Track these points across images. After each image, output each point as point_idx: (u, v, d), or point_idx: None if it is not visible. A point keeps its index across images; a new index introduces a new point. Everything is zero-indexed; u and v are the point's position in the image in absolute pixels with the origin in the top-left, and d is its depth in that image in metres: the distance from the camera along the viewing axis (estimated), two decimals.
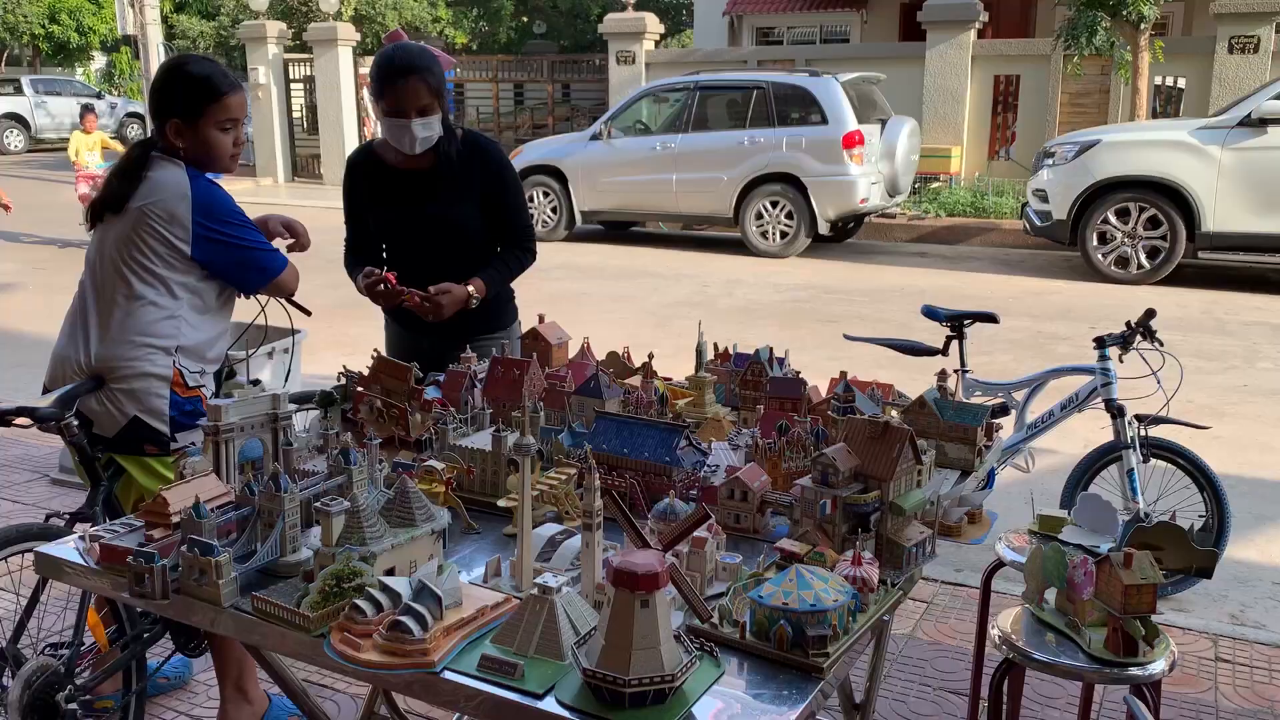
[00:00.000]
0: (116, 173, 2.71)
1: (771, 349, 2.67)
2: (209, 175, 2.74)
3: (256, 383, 2.71)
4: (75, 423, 2.60)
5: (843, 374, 2.52)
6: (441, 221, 3.13)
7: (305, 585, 1.70)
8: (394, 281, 2.96)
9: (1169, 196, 9.46)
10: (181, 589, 1.75)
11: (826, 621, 1.57)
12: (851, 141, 11.16)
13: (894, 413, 2.44)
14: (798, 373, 2.62)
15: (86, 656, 2.63)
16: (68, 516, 2.66)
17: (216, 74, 2.72)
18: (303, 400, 2.67)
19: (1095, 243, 9.84)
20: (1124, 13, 11.67)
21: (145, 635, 2.74)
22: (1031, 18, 19.04)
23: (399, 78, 2.93)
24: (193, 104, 2.66)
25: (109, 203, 2.66)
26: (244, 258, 2.72)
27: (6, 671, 2.48)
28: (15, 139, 24.62)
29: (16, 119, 25.42)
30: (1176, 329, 7.87)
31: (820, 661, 1.54)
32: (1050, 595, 2.29)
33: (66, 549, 1.96)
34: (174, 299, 2.65)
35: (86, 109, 12.72)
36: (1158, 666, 2.12)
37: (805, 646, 1.55)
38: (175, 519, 1.85)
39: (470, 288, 3.06)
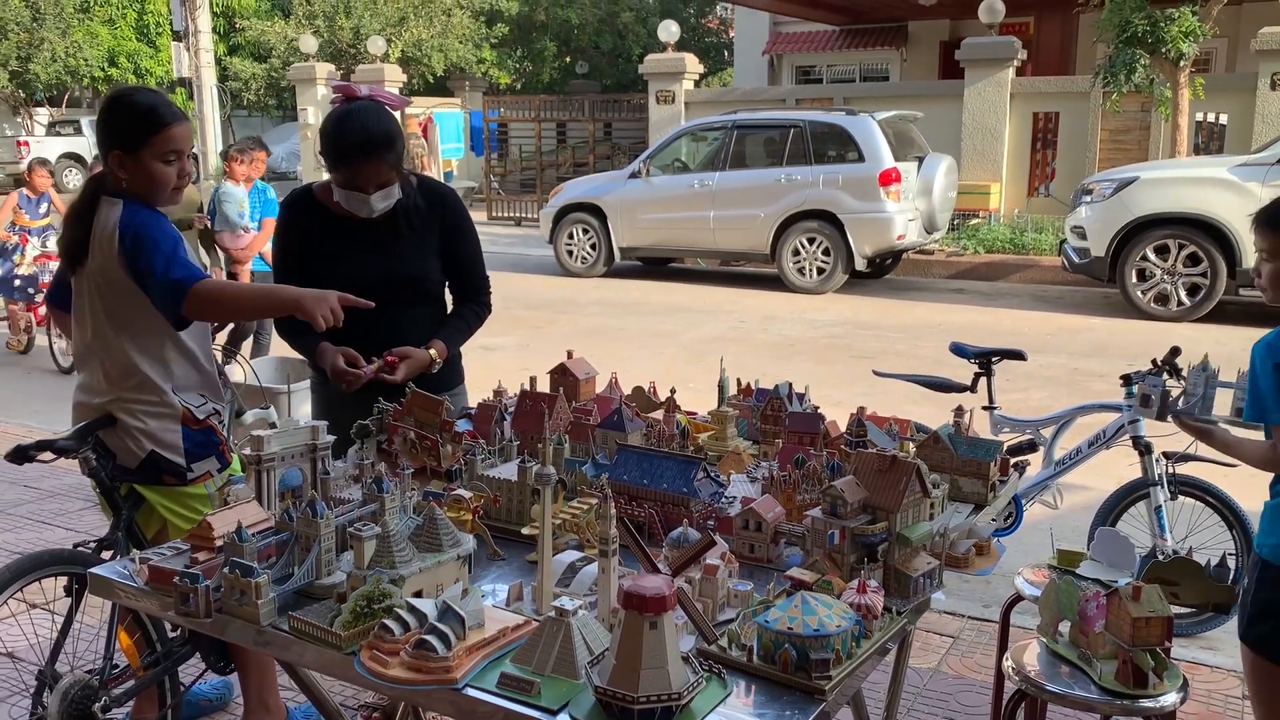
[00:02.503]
0: (69, 217, 2.70)
1: (791, 384, 2.76)
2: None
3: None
4: (92, 455, 2.69)
5: (860, 409, 2.60)
6: (403, 277, 2.93)
7: (338, 606, 1.80)
8: (376, 372, 2.77)
9: (1209, 233, 9.42)
10: (223, 608, 1.86)
11: (830, 646, 1.64)
12: (888, 179, 11.23)
13: (911, 447, 2.50)
14: (816, 408, 2.70)
15: (120, 677, 2.73)
16: (94, 544, 2.77)
17: (160, 104, 2.64)
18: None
19: (1134, 280, 9.81)
20: (1163, 50, 11.67)
21: (175, 655, 2.85)
22: (1071, 55, 19.05)
23: (363, 155, 2.73)
24: (135, 135, 2.59)
25: (72, 250, 2.67)
26: (160, 280, 2.55)
27: (46, 690, 2.60)
28: (74, 178, 25.40)
29: (76, 158, 26.25)
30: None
31: (822, 684, 1.61)
32: (1064, 628, 2.34)
33: (116, 570, 2.08)
34: (156, 339, 2.66)
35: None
36: (1169, 699, 2.16)
37: (809, 669, 1.63)
38: (219, 542, 1.97)
39: (432, 351, 2.88)
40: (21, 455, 2.65)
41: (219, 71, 21.28)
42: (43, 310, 8.17)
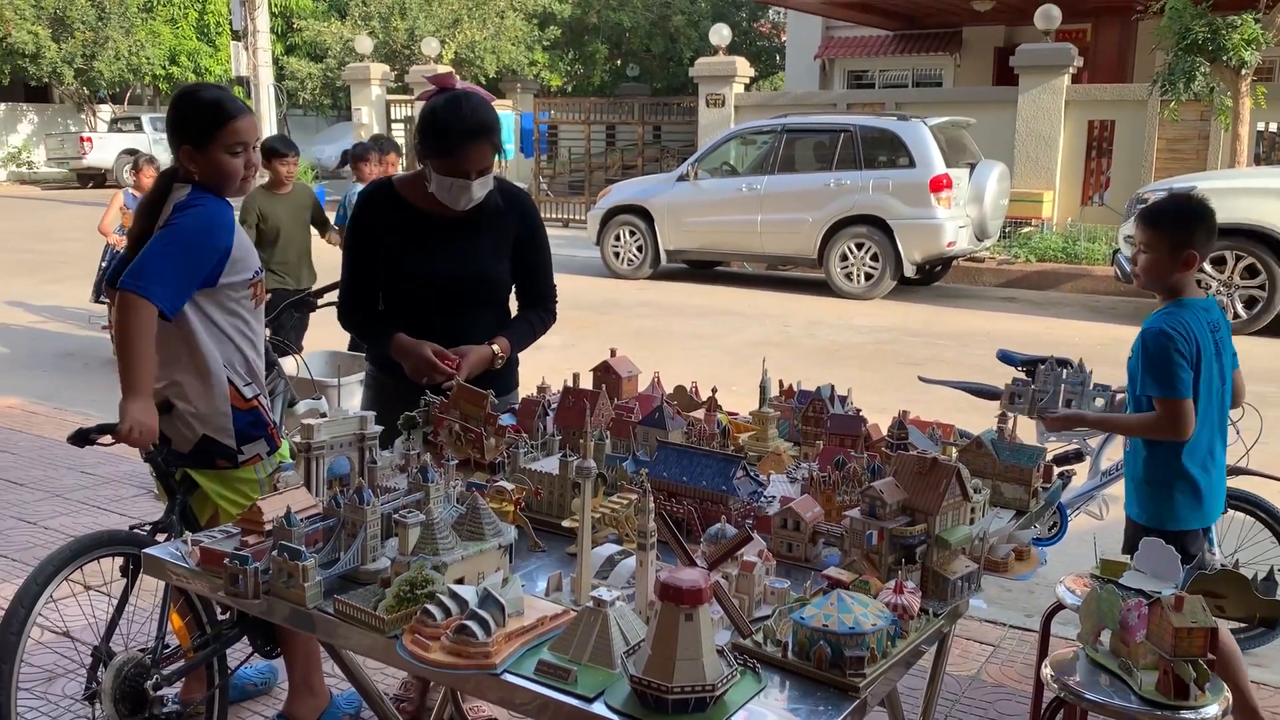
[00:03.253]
0: (142, 207, 2.83)
1: (833, 387, 2.76)
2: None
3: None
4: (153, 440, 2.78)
5: (903, 413, 2.60)
6: (475, 278, 2.92)
7: (382, 590, 1.85)
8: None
9: (1268, 245, 9.24)
10: (271, 590, 1.91)
11: (864, 644, 1.65)
12: (939, 185, 11.15)
13: (953, 451, 2.50)
14: (858, 410, 2.70)
15: (171, 658, 2.81)
16: (149, 526, 2.87)
17: (225, 99, 2.77)
18: None
19: None
20: (1224, 58, 11.46)
21: (224, 637, 2.93)
22: (1129, 63, 18.77)
23: (472, 138, 2.72)
24: (202, 129, 2.71)
25: (139, 240, 2.77)
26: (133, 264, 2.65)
27: (100, 667, 2.68)
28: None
29: (134, 154, 26.80)
30: (1273, 381, 7.66)
31: (856, 681, 1.62)
32: (1105, 637, 2.32)
33: (169, 551, 2.14)
34: (205, 320, 2.77)
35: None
36: (1210, 711, 2.13)
37: (843, 667, 1.64)
38: (268, 527, 2.02)
39: (495, 346, 2.88)
40: (82, 438, 2.73)
41: (276, 71, 21.63)
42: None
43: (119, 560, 2.81)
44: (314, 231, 6.67)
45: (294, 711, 3.04)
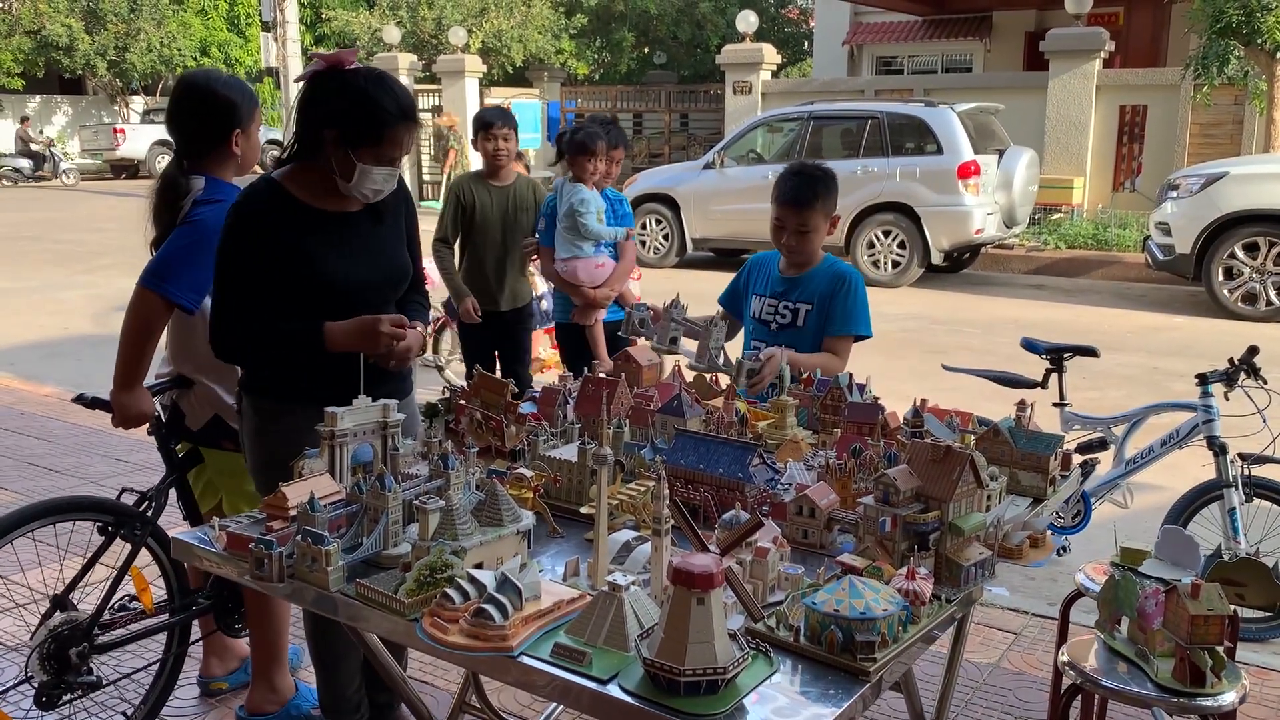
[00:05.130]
0: (159, 205, 2.91)
1: (851, 375, 2.77)
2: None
3: None
4: (161, 412, 2.96)
5: (921, 401, 2.61)
6: (399, 273, 2.70)
7: (402, 574, 1.89)
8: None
9: None
10: (295, 574, 1.96)
11: (875, 629, 1.67)
12: (967, 172, 11.08)
13: (970, 439, 2.51)
14: (876, 398, 2.71)
15: (112, 625, 2.92)
16: (138, 494, 2.99)
17: (241, 82, 3.01)
18: None
19: (1221, 278, 9.54)
20: (1259, 41, 11.30)
21: (192, 608, 3.05)
22: (1162, 47, 18.52)
23: (406, 121, 2.51)
24: (248, 112, 2.93)
25: (164, 235, 2.86)
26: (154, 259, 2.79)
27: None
28: (164, 164, 26.31)
29: (167, 145, 27.12)
30: None
31: (867, 665, 1.65)
32: (1124, 625, 2.33)
33: (197, 535, 2.19)
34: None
35: None
36: (1227, 698, 2.14)
37: (854, 651, 1.66)
38: (293, 512, 2.07)
39: (420, 329, 2.64)
40: (90, 402, 2.92)
41: (305, 61, 21.75)
42: None
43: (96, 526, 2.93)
44: None
45: (253, 705, 3.11)
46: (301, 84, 2.56)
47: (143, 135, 26.18)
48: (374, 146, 2.47)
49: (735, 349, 3.32)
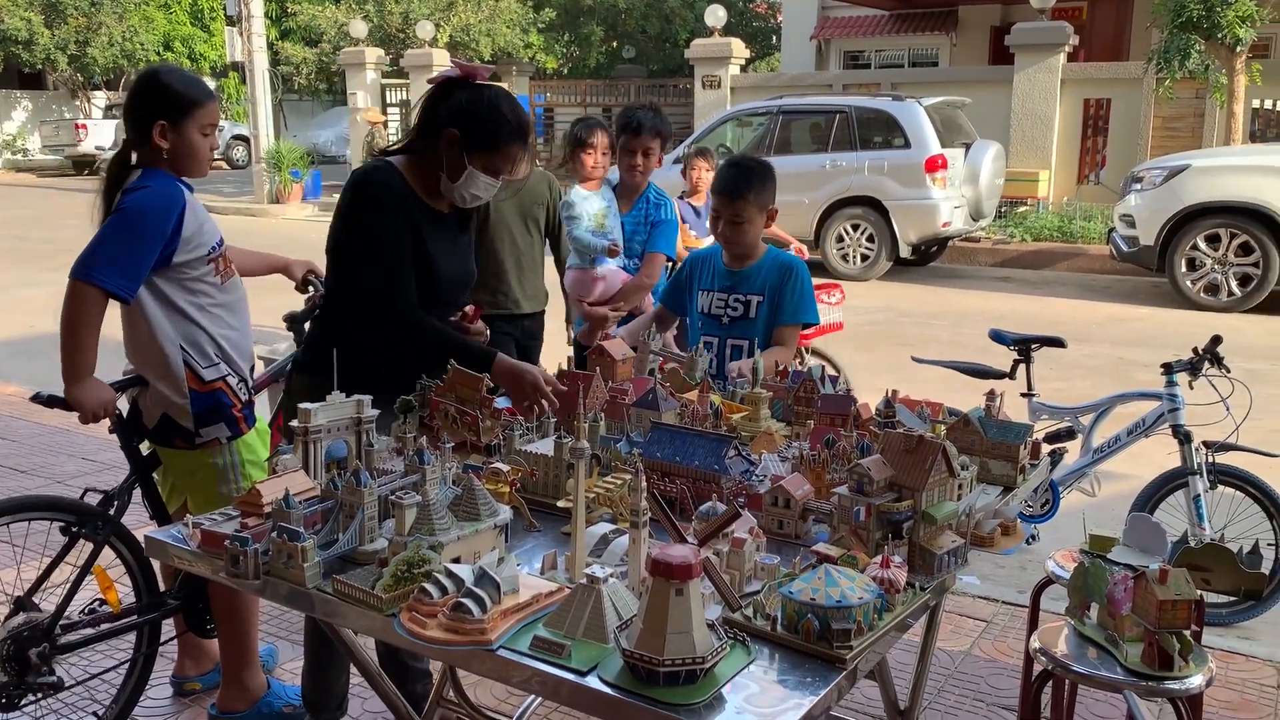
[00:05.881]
0: (103, 198, 2.85)
1: (824, 366, 2.79)
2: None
3: None
4: (121, 410, 2.92)
5: (893, 392, 2.63)
6: (467, 274, 2.91)
7: (379, 570, 1.88)
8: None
9: (1262, 222, 9.27)
10: (271, 571, 1.95)
11: (851, 617, 1.69)
12: (934, 165, 11.16)
13: (941, 429, 2.54)
14: (849, 390, 2.74)
15: (76, 627, 2.89)
16: (102, 494, 2.96)
17: (199, 82, 2.88)
18: None
19: (1184, 269, 9.68)
20: (1219, 35, 11.46)
21: (161, 608, 3.03)
22: (1125, 41, 18.72)
23: (523, 139, 2.69)
24: (182, 106, 2.76)
25: None
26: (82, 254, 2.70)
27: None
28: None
29: None
30: (1266, 358, 7.70)
31: (843, 653, 1.66)
32: (1093, 611, 2.37)
33: (171, 534, 2.17)
34: (162, 300, 2.80)
35: None
36: (1194, 681, 2.18)
37: (830, 639, 1.68)
38: (267, 509, 2.06)
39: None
40: (47, 400, 2.87)
41: (270, 56, 21.54)
42: None
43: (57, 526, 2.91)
44: None
45: (225, 704, 3.09)
46: (431, 85, 2.76)
47: (105, 130, 25.83)
48: (488, 154, 2.64)
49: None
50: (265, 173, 18.87)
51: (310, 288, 3.51)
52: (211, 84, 32.55)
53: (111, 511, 2.94)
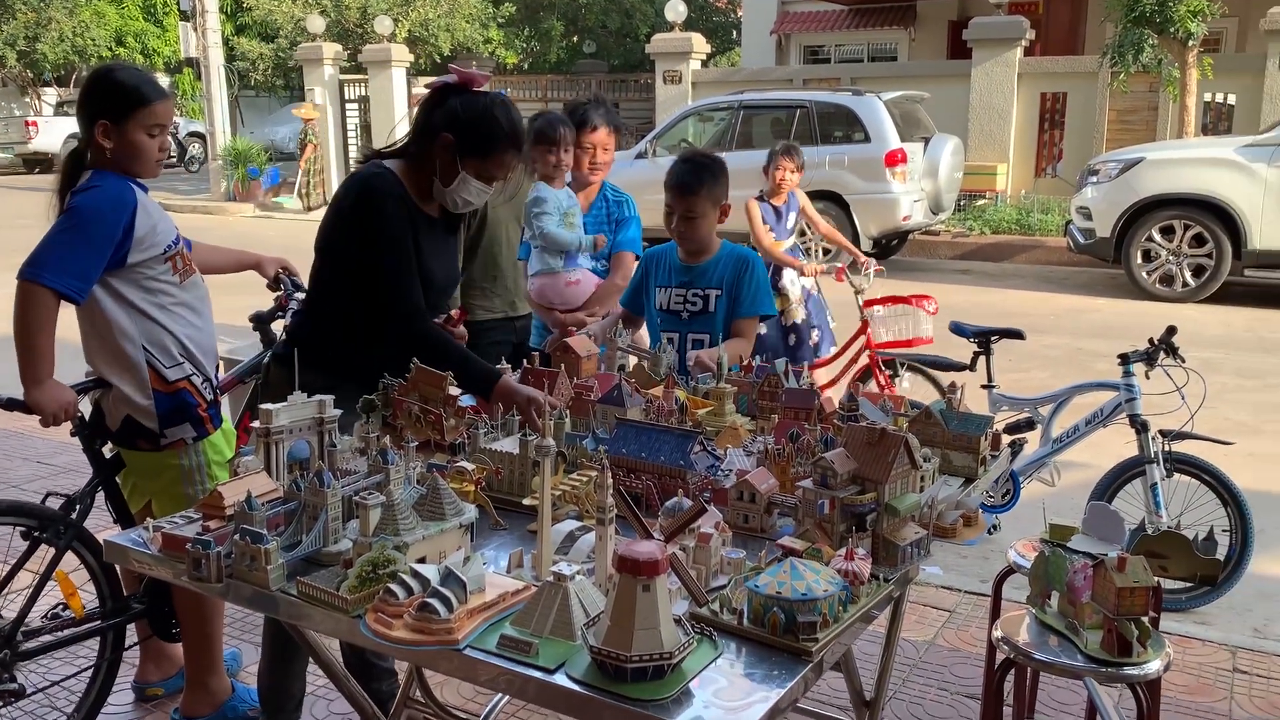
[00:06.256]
0: (58, 193, 2.82)
1: (788, 361, 2.81)
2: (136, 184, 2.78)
3: None
4: (82, 413, 2.87)
5: (855, 385, 2.65)
6: (453, 279, 2.96)
7: (344, 571, 1.87)
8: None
9: (1215, 214, 9.43)
10: (234, 574, 1.93)
11: (817, 610, 1.70)
12: (894, 159, 11.24)
13: (903, 422, 2.56)
14: (813, 384, 2.75)
15: (37, 633, 2.86)
16: (64, 498, 2.92)
17: (149, 80, 2.81)
18: None
19: (1139, 260, 9.83)
20: (1171, 30, 11.64)
21: (125, 613, 2.99)
22: (1080, 35, 18.95)
23: (519, 149, 2.74)
24: (122, 106, 2.72)
25: None
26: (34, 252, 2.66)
27: None
28: None
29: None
30: (1220, 347, 7.85)
31: (809, 646, 1.68)
32: (1054, 599, 2.40)
33: (131, 538, 2.15)
34: (120, 301, 2.77)
35: None
36: (1153, 666, 2.22)
37: (796, 632, 1.69)
38: (229, 511, 2.04)
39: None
40: (6, 404, 2.80)
41: (226, 51, 21.25)
42: None
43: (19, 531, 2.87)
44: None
45: (188, 709, 3.06)
46: (428, 89, 2.75)
47: (56, 128, 25.33)
48: (481, 160, 2.67)
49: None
50: (222, 170, 18.63)
51: (281, 286, 3.48)
52: (165, 80, 31.93)
53: (74, 516, 2.90)
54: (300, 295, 3.53)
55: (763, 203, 5.86)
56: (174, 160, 26.51)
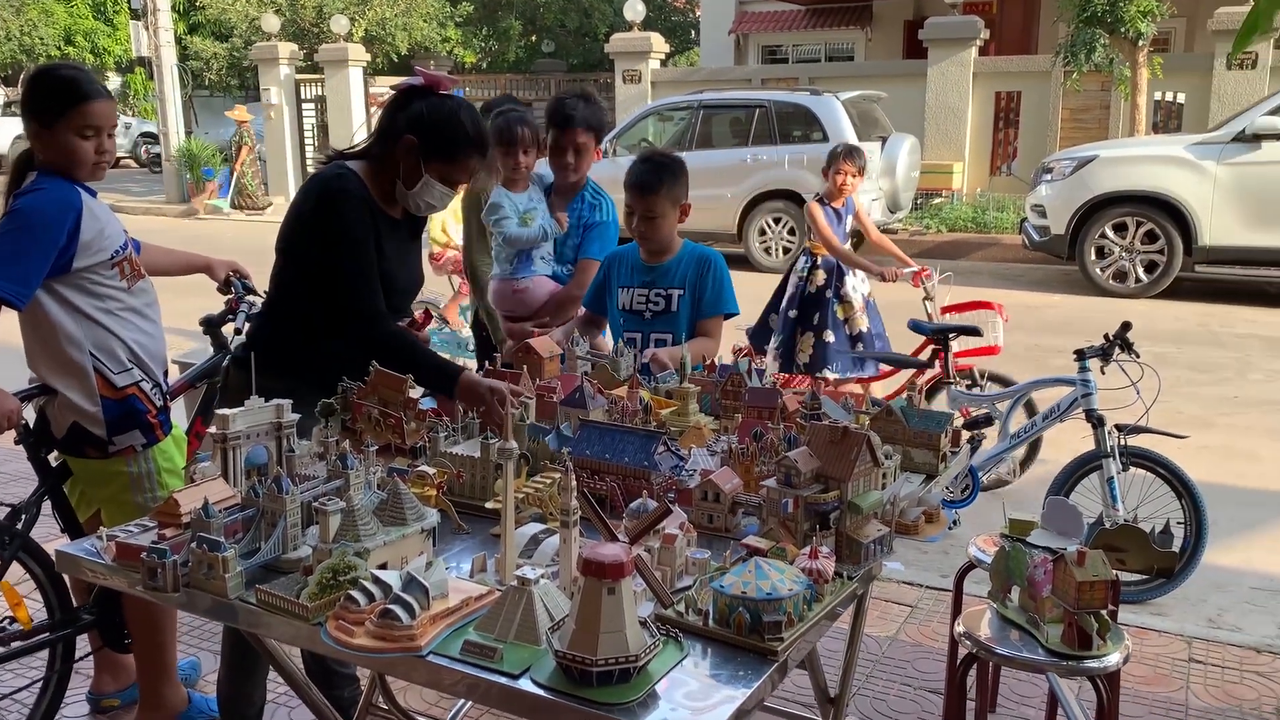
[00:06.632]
0: (5, 195, 2.76)
1: (751, 360, 2.81)
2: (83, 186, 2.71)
3: None
4: (27, 421, 2.80)
5: (816, 383, 2.66)
6: (415, 282, 2.91)
7: (304, 578, 1.84)
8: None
9: (1166, 211, 9.59)
10: (191, 582, 1.89)
11: (782, 609, 1.70)
12: None
13: (865, 420, 2.57)
14: (775, 383, 2.76)
15: (4, 636, 2.82)
16: (9, 508, 2.86)
17: (82, 79, 2.68)
18: None
19: (1093, 257, 9.97)
20: (1122, 30, 11.83)
21: (75, 624, 2.93)
22: (1033, 34, 19.20)
23: (484, 153, 2.73)
24: (51, 108, 2.63)
25: None
26: None
27: None
28: None
29: None
30: (1172, 341, 7.98)
31: (775, 645, 1.68)
32: (1014, 594, 2.42)
33: (83, 547, 2.10)
34: (67, 306, 2.70)
35: None
36: (1112, 659, 2.24)
37: (761, 632, 1.69)
38: (185, 519, 2.00)
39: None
40: None
41: (179, 50, 20.94)
42: None
43: None
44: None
45: None
46: (394, 90, 2.73)
47: (4, 128, 24.84)
48: (445, 164, 2.65)
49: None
50: (176, 171, 18.36)
51: (232, 289, 3.42)
52: (116, 80, 31.35)
53: (19, 525, 2.83)
54: (252, 298, 3.49)
55: (824, 206, 5.72)
56: (142, 162, 26.11)
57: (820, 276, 5.68)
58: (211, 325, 3.63)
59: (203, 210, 17.72)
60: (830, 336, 5.47)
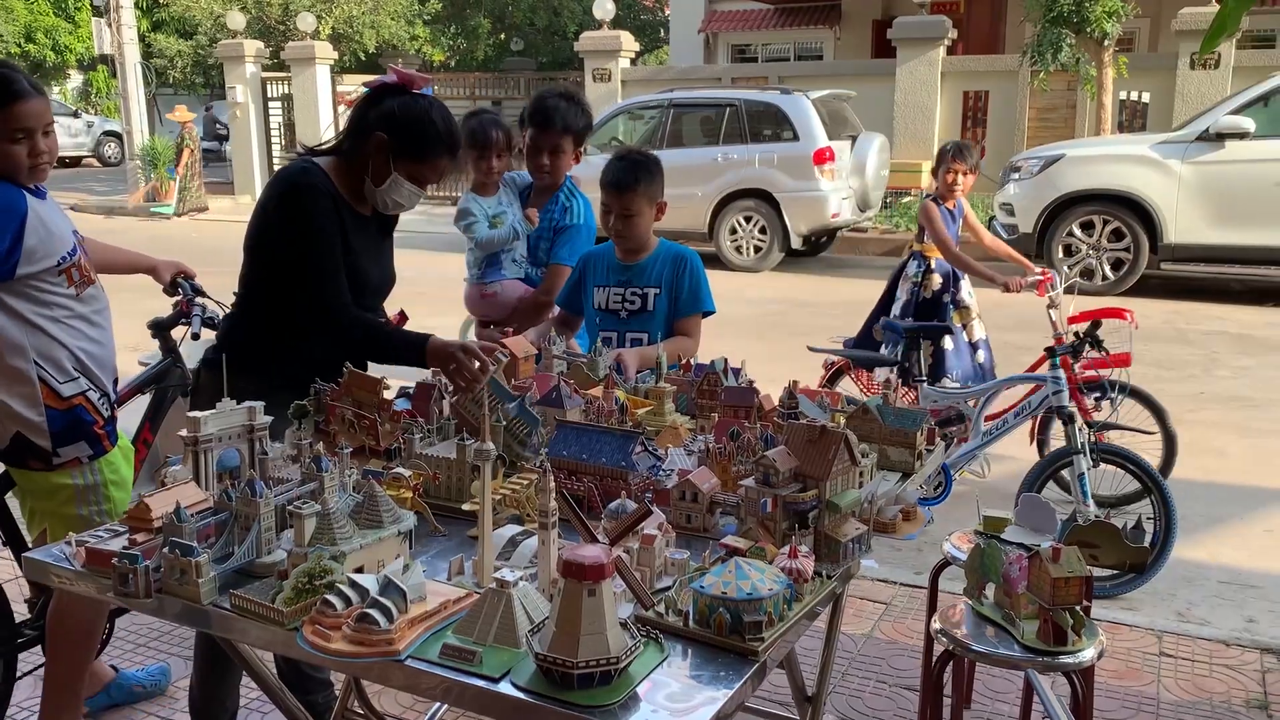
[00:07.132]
0: None
1: (726, 360, 2.81)
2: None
3: None
4: None
5: (793, 383, 2.66)
6: (388, 280, 2.91)
7: (280, 583, 1.82)
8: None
9: (1132, 209, 9.70)
10: (164, 588, 1.87)
11: (762, 609, 1.70)
12: (822, 158, 11.37)
13: (841, 418, 2.58)
14: (751, 382, 2.76)
15: None
16: None
17: (7, 79, 2.54)
18: None
19: (1061, 255, 10.06)
20: (1088, 30, 11.94)
21: (20, 640, 2.86)
22: (1001, 34, 19.36)
23: (454, 154, 2.73)
24: None
25: None
26: None
27: None
28: None
29: None
30: (1139, 339, 8.01)
31: (756, 645, 1.67)
32: (990, 590, 2.44)
33: (52, 553, 2.06)
34: (10, 314, 2.61)
35: None
36: (1086, 654, 2.26)
37: (742, 632, 1.68)
38: (157, 523, 1.97)
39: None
40: None
41: (143, 48, 20.66)
42: None
43: None
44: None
45: None
46: (366, 87, 2.73)
47: None
48: (414, 162, 2.64)
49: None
50: (140, 170, 18.12)
51: (179, 291, 3.34)
52: (78, 78, 30.86)
53: None
54: (203, 300, 3.43)
55: (940, 206, 5.36)
56: (104, 161, 25.73)
57: (936, 280, 5.36)
58: (160, 328, 3.52)
59: (132, 206, 17.36)
60: (949, 343, 5.13)
